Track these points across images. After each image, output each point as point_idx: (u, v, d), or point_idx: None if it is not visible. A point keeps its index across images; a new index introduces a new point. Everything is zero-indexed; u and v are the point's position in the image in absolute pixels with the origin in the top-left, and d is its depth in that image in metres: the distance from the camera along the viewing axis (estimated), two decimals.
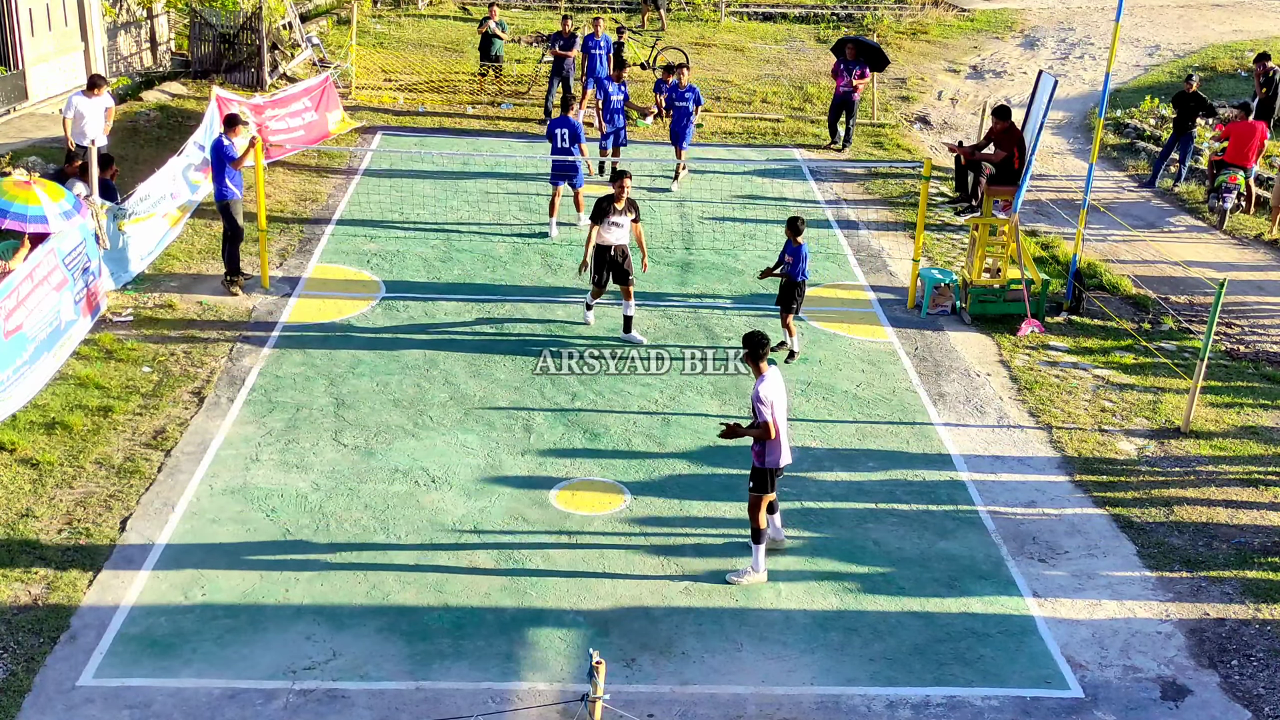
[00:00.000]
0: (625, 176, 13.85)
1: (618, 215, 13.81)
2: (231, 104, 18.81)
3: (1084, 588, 10.17)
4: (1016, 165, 15.61)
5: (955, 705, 8.76)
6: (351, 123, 21.83)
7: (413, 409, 12.41)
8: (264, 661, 8.79)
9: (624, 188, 13.77)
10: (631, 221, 13.95)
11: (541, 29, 29.94)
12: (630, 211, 13.94)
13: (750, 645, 9.26)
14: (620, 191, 13.78)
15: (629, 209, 13.93)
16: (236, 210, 14.80)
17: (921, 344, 14.55)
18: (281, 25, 25.21)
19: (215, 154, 14.72)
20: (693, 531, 10.64)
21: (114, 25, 23.14)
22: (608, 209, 13.81)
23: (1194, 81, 20.70)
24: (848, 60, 21.93)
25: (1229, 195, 19.20)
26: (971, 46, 31.13)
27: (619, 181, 13.80)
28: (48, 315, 12.47)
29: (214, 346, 13.52)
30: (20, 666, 8.61)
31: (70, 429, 11.61)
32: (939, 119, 25.02)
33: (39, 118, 19.96)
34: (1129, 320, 15.43)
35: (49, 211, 13.25)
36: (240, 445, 11.60)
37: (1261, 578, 10.42)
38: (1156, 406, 13.32)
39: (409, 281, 15.53)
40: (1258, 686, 9.11)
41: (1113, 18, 19.81)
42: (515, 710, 8.41)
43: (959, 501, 11.33)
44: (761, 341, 9.77)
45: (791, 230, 13.46)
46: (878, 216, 19.01)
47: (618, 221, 13.82)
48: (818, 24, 32.82)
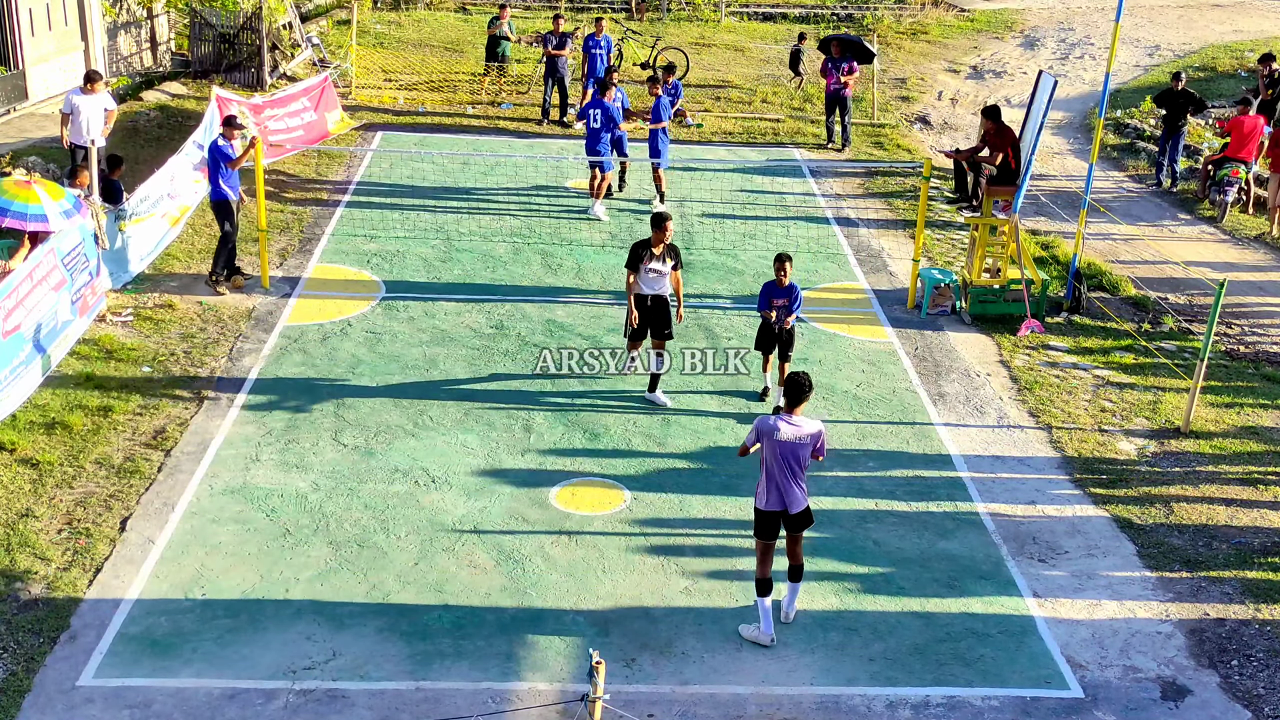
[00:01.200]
0: (666, 220, 12.37)
1: (656, 262, 12.41)
2: (231, 104, 18.82)
3: (1084, 588, 10.17)
4: (1013, 165, 15.61)
5: (955, 705, 8.76)
6: (350, 122, 21.83)
7: (413, 409, 12.41)
8: (264, 661, 8.79)
9: (665, 232, 12.33)
10: (671, 269, 12.54)
11: (542, 29, 29.94)
12: (670, 257, 12.51)
13: (750, 645, 9.26)
14: (660, 236, 12.36)
15: (668, 254, 12.50)
16: (230, 212, 14.77)
17: (921, 344, 14.55)
18: (281, 25, 25.21)
19: (211, 155, 14.74)
20: (693, 531, 10.64)
21: (114, 25, 23.14)
22: (644, 255, 12.41)
23: (1182, 79, 20.75)
24: (834, 58, 21.98)
25: (1230, 189, 19.26)
26: (971, 46, 31.13)
27: (660, 226, 12.34)
28: (46, 315, 12.47)
29: (214, 346, 13.52)
30: (20, 666, 8.61)
31: (70, 429, 11.61)
32: (939, 119, 25.02)
33: (39, 118, 19.96)
34: (1129, 320, 15.43)
35: (49, 210, 13.26)
36: (240, 445, 11.60)
37: (1261, 578, 10.41)
38: (1156, 406, 13.32)
39: (409, 281, 15.53)
40: (1258, 686, 9.11)
41: (1113, 18, 19.81)
42: (515, 710, 8.41)
43: (959, 501, 11.33)
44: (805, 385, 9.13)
45: (780, 268, 12.33)
46: (878, 217, 19.01)
47: (656, 269, 12.42)
48: (818, 24, 32.82)
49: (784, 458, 9.01)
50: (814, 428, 9.09)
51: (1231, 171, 19.22)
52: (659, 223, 12.35)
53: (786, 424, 9.00)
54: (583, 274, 16.06)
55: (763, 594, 9.23)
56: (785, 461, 9.02)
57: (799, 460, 9.05)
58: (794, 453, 9.01)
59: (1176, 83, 20.67)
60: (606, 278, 15.93)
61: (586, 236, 17.36)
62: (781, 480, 9.06)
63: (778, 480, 9.07)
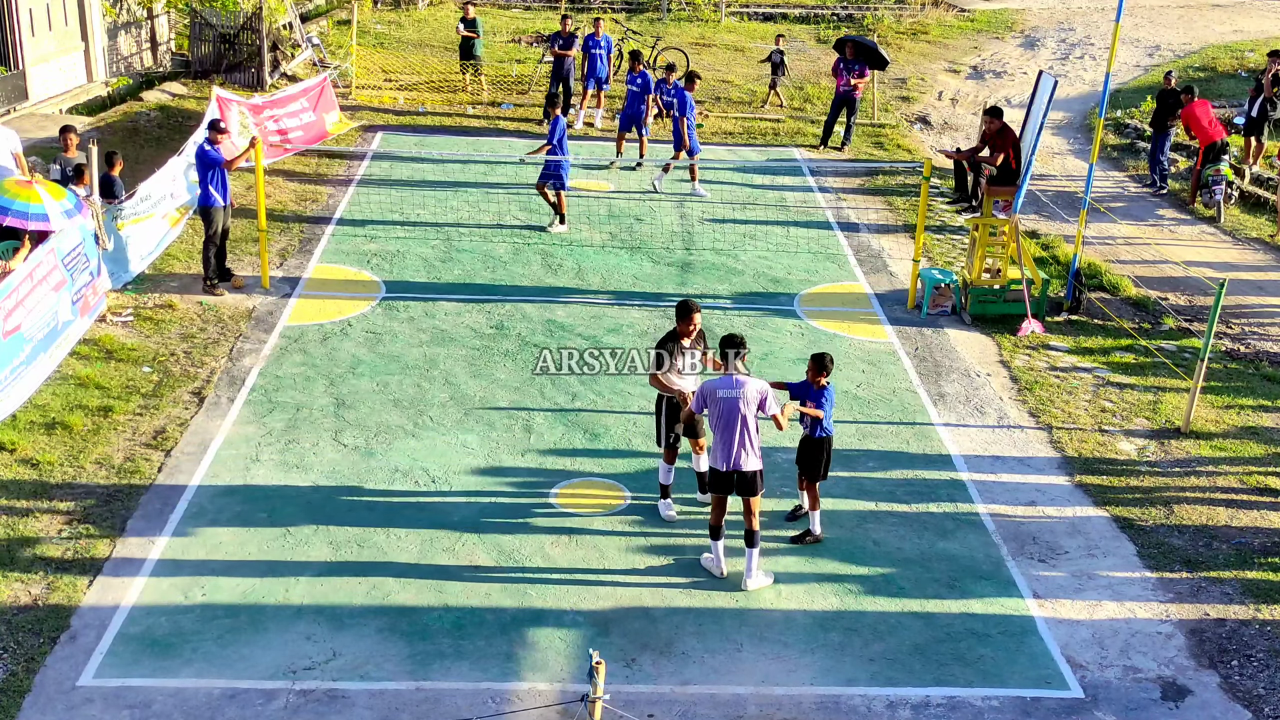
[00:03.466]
0: (694, 311, 10.47)
1: (688, 356, 10.59)
2: (231, 104, 18.83)
3: (1084, 588, 10.17)
4: (1013, 165, 15.61)
5: (955, 705, 8.76)
6: (349, 123, 21.83)
7: (413, 409, 12.41)
8: (264, 661, 8.79)
9: (693, 323, 10.50)
10: (702, 356, 10.72)
11: (543, 30, 29.95)
12: (700, 344, 10.69)
13: (750, 645, 9.26)
14: (688, 326, 10.50)
15: (698, 342, 10.69)
16: (217, 217, 14.65)
17: (921, 344, 14.55)
18: (282, 25, 25.22)
19: (198, 159, 14.63)
20: (693, 531, 10.63)
21: (114, 25, 23.15)
22: (673, 349, 10.51)
23: (1173, 78, 20.79)
24: (847, 60, 21.96)
25: (1218, 188, 19.35)
26: (971, 47, 31.14)
27: (686, 315, 10.47)
28: (45, 316, 12.47)
29: (214, 346, 13.52)
30: (20, 666, 8.61)
31: (70, 429, 11.61)
32: (939, 119, 25.02)
33: (39, 118, 19.96)
34: (1129, 320, 15.42)
35: (50, 210, 13.27)
36: (240, 445, 11.60)
37: (1261, 578, 10.41)
38: (1156, 406, 13.32)
39: (409, 281, 15.53)
40: (1258, 687, 9.11)
41: (1113, 18, 19.81)
42: (515, 711, 8.41)
43: (959, 501, 11.33)
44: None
45: (817, 369, 10.33)
46: (878, 217, 19.01)
47: (691, 364, 10.63)
48: (818, 24, 32.83)
49: (729, 416, 9.59)
50: (757, 385, 9.67)
51: (1214, 170, 19.38)
52: (685, 312, 10.47)
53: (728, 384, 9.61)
54: (583, 274, 16.06)
55: (715, 539, 9.98)
56: (730, 420, 9.59)
57: (744, 420, 9.60)
58: (739, 410, 9.58)
59: (1168, 82, 20.72)
60: (606, 278, 15.94)
61: (586, 237, 17.37)
62: (728, 439, 9.62)
63: (725, 439, 9.63)
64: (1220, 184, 19.41)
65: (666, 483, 10.86)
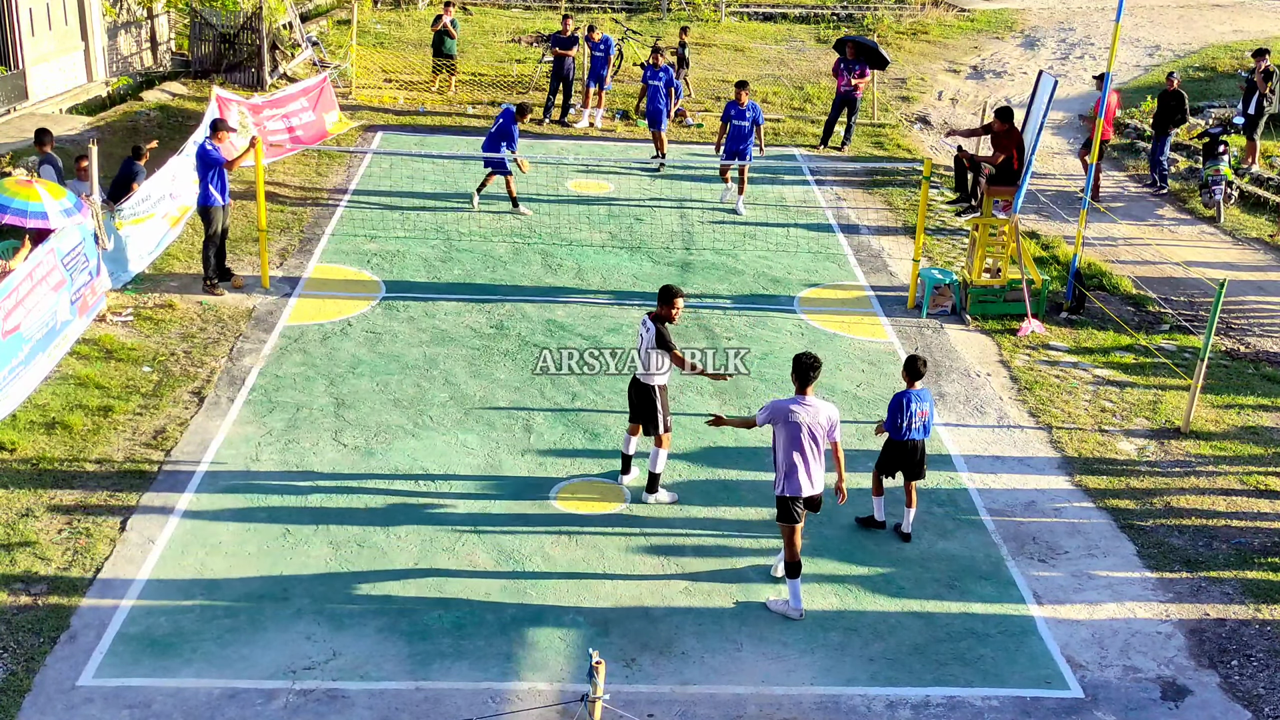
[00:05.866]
0: (676, 295, 10.57)
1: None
2: (231, 104, 18.83)
3: (1084, 588, 10.17)
4: (1016, 166, 15.62)
5: (955, 705, 8.76)
6: (348, 123, 21.83)
7: (413, 409, 12.41)
8: (264, 661, 8.79)
9: (675, 307, 10.60)
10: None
11: (541, 29, 29.94)
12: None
13: (750, 645, 9.26)
14: (670, 310, 10.59)
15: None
16: (216, 216, 14.64)
17: (921, 344, 14.55)
18: (282, 25, 25.21)
19: (199, 159, 14.64)
20: (693, 531, 10.64)
21: (114, 25, 23.15)
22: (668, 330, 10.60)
23: (1175, 80, 20.79)
24: (847, 60, 21.96)
25: (1217, 188, 19.40)
26: (971, 46, 31.14)
27: (669, 299, 10.56)
28: (45, 315, 12.46)
29: (214, 346, 13.52)
30: (20, 666, 8.61)
31: (70, 429, 11.61)
32: (939, 119, 25.02)
33: (39, 118, 19.94)
34: (1129, 320, 15.42)
35: (49, 208, 13.27)
36: (240, 445, 11.60)
37: (1261, 578, 10.41)
38: (1156, 406, 13.32)
39: (409, 281, 15.52)
40: (1258, 687, 9.11)
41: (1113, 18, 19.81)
42: (515, 711, 8.41)
43: (959, 501, 11.33)
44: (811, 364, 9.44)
45: (910, 374, 10.57)
46: (878, 217, 19.01)
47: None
48: (818, 24, 32.83)
49: (798, 440, 9.33)
50: (829, 410, 9.47)
51: (1213, 171, 19.45)
52: (668, 297, 10.54)
53: (801, 407, 9.35)
54: (583, 274, 16.06)
55: (794, 576, 9.57)
56: (801, 444, 9.34)
57: (816, 442, 9.39)
58: (811, 435, 9.35)
59: (1170, 83, 20.71)
60: (606, 278, 15.93)
61: (586, 236, 17.37)
62: (804, 461, 9.38)
63: (796, 464, 9.37)
64: (1220, 184, 19.44)
65: (630, 454, 11.24)
